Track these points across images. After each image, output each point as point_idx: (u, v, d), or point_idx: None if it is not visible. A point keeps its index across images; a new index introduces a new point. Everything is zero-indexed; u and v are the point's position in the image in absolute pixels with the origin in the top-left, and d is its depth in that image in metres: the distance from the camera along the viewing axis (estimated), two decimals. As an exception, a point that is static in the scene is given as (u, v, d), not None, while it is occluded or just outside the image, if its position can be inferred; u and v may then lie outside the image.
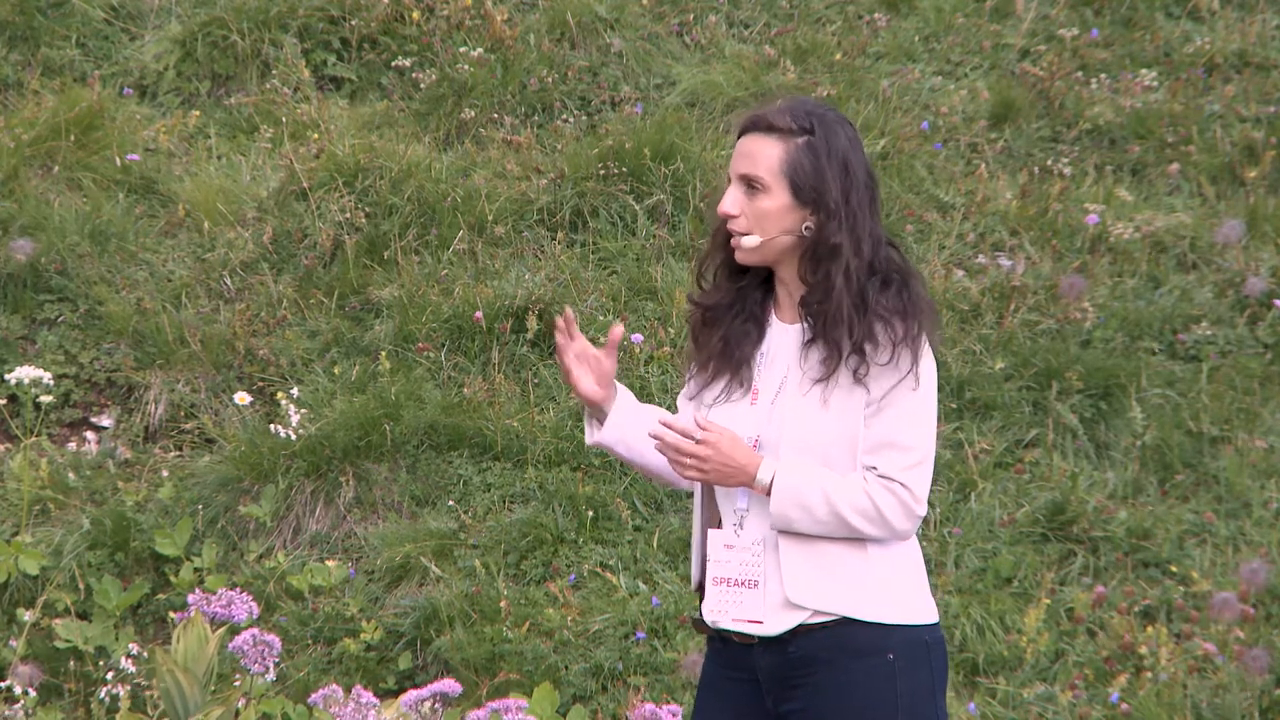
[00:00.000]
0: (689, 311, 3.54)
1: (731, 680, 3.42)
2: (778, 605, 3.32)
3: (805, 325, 3.36)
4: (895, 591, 3.33)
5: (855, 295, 3.30)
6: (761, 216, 3.34)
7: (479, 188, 6.96)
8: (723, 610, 3.37)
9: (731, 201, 3.36)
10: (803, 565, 3.31)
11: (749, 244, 3.35)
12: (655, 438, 3.33)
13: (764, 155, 3.34)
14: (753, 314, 3.44)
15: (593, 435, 3.49)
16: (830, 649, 3.30)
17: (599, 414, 3.48)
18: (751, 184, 3.35)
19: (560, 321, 3.46)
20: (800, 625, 3.31)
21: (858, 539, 3.31)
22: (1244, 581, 5.37)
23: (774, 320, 3.43)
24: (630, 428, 3.47)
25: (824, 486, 3.28)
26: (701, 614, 3.44)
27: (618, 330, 3.45)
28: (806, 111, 3.35)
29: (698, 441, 3.30)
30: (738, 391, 3.40)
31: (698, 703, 3.51)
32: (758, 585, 3.34)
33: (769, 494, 3.29)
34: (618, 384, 3.50)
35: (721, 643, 3.42)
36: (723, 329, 3.43)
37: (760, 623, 3.33)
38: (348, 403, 6.16)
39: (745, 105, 7.31)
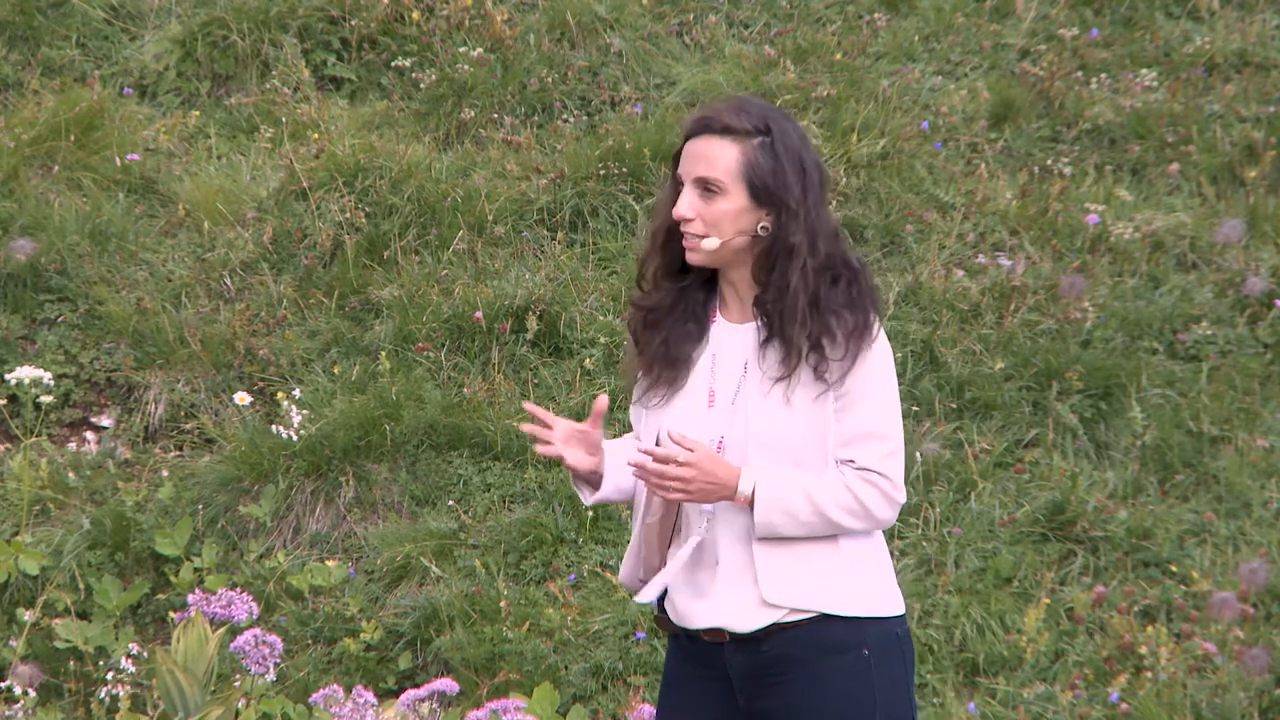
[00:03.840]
0: (630, 315, 3.48)
1: (700, 679, 3.40)
2: (751, 604, 3.31)
3: (760, 325, 3.34)
4: (868, 585, 3.34)
5: (810, 293, 3.29)
6: (719, 219, 3.31)
7: (479, 188, 6.96)
8: (690, 611, 3.36)
9: (687, 205, 3.32)
10: (777, 565, 3.30)
11: (709, 247, 3.32)
12: (635, 466, 3.29)
13: (721, 157, 3.31)
14: (694, 314, 3.40)
15: (589, 497, 3.45)
16: (805, 647, 3.29)
17: (592, 478, 3.43)
18: (708, 186, 3.31)
19: (532, 428, 3.39)
20: (774, 624, 3.29)
21: (829, 535, 3.30)
22: (1244, 581, 5.37)
23: (720, 320, 3.40)
24: (617, 475, 3.43)
25: (805, 489, 3.27)
26: (665, 613, 3.42)
27: (603, 401, 3.38)
28: (759, 111, 3.33)
29: (680, 463, 3.27)
30: (678, 394, 3.37)
31: (663, 701, 3.48)
32: (726, 585, 3.33)
33: (751, 505, 3.28)
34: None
35: (689, 640, 3.40)
36: (664, 331, 3.40)
37: (728, 625, 3.32)
38: (348, 403, 6.16)
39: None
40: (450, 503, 5.95)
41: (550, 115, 7.51)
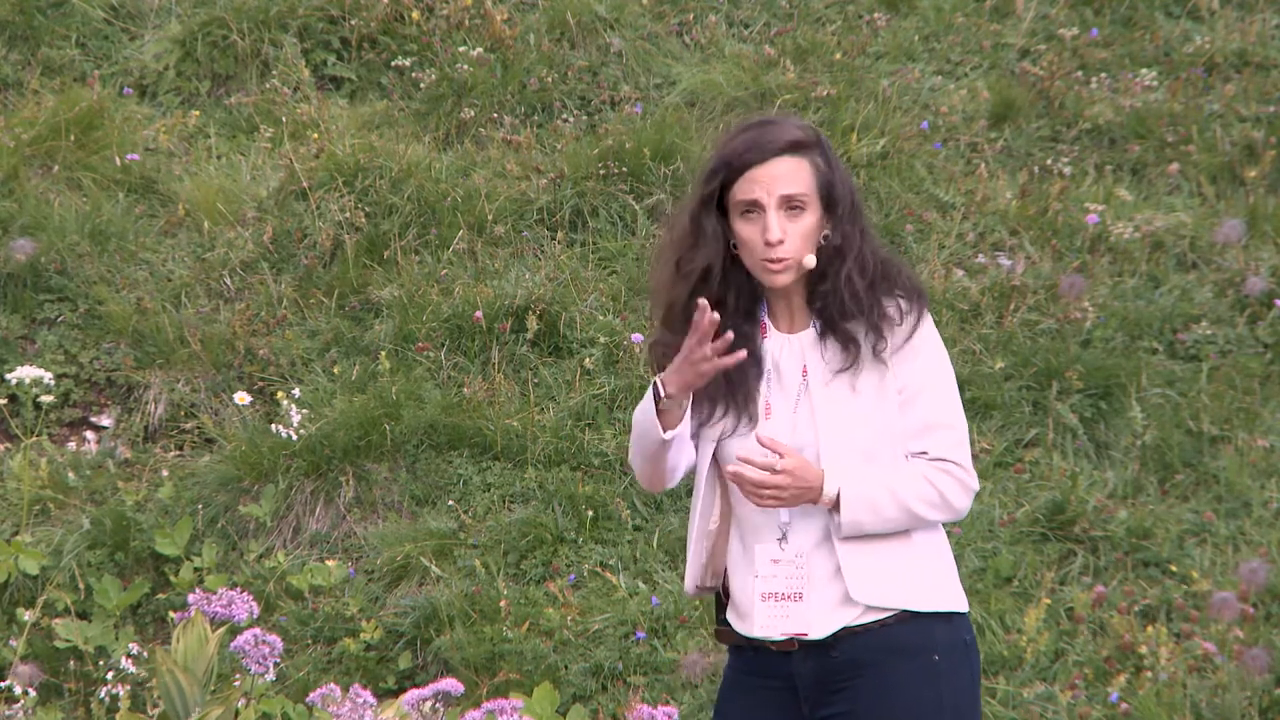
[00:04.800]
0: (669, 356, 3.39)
1: (763, 688, 3.39)
2: (825, 609, 3.31)
3: (816, 325, 3.36)
4: (938, 578, 3.36)
5: (866, 284, 3.33)
6: (806, 235, 3.34)
7: (479, 187, 6.96)
8: (772, 625, 3.34)
9: (779, 228, 3.32)
10: (862, 564, 3.30)
11: (810, 264, 3.34)
12: (736, 476, 3.27)
13: (799, 175, 3.34)
14: (749, 349, 3.36)
15: (668, 432, 3.33)
16: (876, 650, 3.29)
17: (678, 403, 3.33)
18: (793, 205, 3.33)
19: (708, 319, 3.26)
20: (844, 629, 3.29)
21: (903, 530, 3.32)
22: (1244, 581, 5.36)
23: (772, 333, 3.42)
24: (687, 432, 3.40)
25: (888, 484, 3.28)
26: (727, 622, 3.42)
27: (710, 314, 3.26)
28: (803, 123, 3.40)
29: (778, 470, 3.25)
30: (746, 425, 3.37)
31: (722, 712, 3.46)
32: (803, 598, 3.32)
33: (836, 506, 3.28)
34: None
35: (752, 651, 3.39)
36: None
37: (806, 634, 3.31)
38: (348, 402, 6.16)
39: (745, 105, 7.32)
40: (450, 503, 5.95)
41: (550, 115, 7.51)
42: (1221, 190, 7.17)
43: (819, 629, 3.31)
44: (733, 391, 3.38)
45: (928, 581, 3.33)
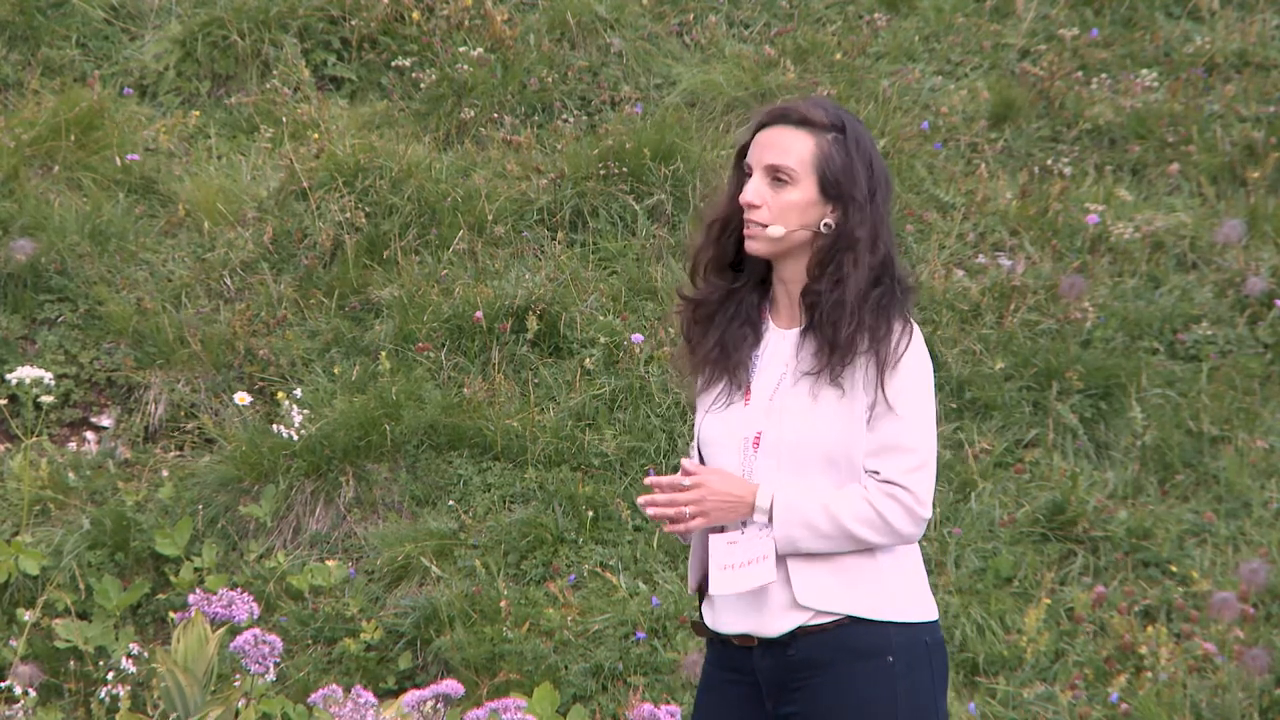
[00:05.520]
0: (679, 309, 3.48)
1: (732, 682, 3.41)
2: (780, 607, 3.31)
3: (802, 317, 3.34)
4: (898, 589, 3.32)
5: (859, 292, 3.29)
6: (786, 209, 3.31)
7: (479, 188, 6.96)
8: (727, 583, 3.32)
9: (754, 191, 3.32)
10: (811, 567, 3.29)
11: (774, 234, 3.31)
12: (645, 505, 3.30)
13: (795, 147, 3.31)
14: (749, 318, 3.40)
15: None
16: (831, 651, 3.28)
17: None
18: (779, 175, 3.32)
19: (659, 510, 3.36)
20: (799, 628, 3.29)
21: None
22: (1244, 581, 5.37)
23: (771, 325, 3.41)
24: None
25: (824, 502, 3.26)
26: (702, 616, 3.44)
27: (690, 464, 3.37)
28: (834, 109, 3.35)
29: (687, 488, 3.27)
30: (736, 394, 3.38)
31: (698, 704, 3.49)
32: (767, 559, 3.29)
33: (770, 519, 3.27)
34: None
35: (721, 645, 3.41)
36: (719, 331, 3.40)
37: (770, 581, 3.29)
38: (348, 403, 6.16)
39: (745, 105, 7.32)
40: (450, 503, 5.95)
41: (550, 115, 7.51)
42: (1222, 190, 7.17)
43: (773, 628, 3.31)
44: (725, 358, 3.38)
45: (883, 590, 3.30)
